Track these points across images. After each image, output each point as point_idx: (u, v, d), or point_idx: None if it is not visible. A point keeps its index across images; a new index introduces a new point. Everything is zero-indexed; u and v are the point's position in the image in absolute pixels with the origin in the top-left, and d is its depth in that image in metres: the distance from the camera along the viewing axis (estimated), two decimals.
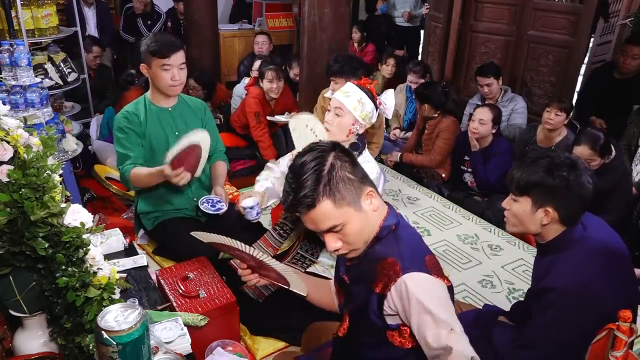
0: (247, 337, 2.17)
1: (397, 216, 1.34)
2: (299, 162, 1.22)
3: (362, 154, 2.19)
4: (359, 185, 1.23)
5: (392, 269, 1.23)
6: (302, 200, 1.19)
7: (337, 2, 3.44)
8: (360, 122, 2.13)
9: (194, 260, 2.19)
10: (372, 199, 1.26)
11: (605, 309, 1.38)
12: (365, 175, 1.27)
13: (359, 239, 1.27)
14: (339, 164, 1.21)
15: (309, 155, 1.22)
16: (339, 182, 1.19)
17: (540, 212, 1.55)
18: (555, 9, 4.22)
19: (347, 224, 1.23)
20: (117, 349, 0.98)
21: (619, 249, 1.58)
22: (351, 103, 2.10)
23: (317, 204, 1.19)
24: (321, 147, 1.24)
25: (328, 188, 1.18)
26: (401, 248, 1.26)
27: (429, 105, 3.75)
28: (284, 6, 6.49)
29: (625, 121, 3.53)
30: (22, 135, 1.25)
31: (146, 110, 2.36)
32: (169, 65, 2.24)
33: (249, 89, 4.01)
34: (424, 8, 5.58)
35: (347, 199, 1.21)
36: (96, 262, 1.22)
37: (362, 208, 1.24)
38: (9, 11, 3.18)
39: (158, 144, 2.36)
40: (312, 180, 1.18)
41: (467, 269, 2.84)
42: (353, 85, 2.17)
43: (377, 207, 1.27)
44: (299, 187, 1.19)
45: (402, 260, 1.23)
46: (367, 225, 1.27)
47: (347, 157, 1.24)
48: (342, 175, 1.20)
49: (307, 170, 1.19)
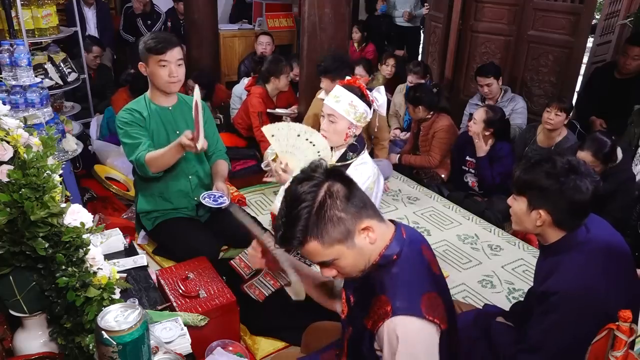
0: (247, 337, 2.17)
1: (402, 242, 1.25)
2: (291, 195, 1.16)
3: (360, 155, 2.19)
4: (352, 222, 1.16)
5: (383, 308, 1.18)
6: (290, 240, 1.16)
7: (337, 2, 3.44)
8: (355, 124, 2.12)
9: (194, 260, 2.19)
10: (368, 233, 1.19)
11: (608, 311, 1.38)
12: (363, 206, 1.19)
13: (354, 270, 1.23)
14: (329, 202, 1.14)
15: (302, 186, 1.15)
16: (327, 223, 1.13)
17: (534, 213, 1.56)
18: (555, 9, 4.22)
19: (339, 260, 1.19)
20: (117, 349, 0.98)
21: (622, 250, 1.58)
22: (343, 108, 2.09)
23: (304, 244, 1.16)
24: (315, 178, 1.16)
25: (315, 229, 1.13)
26: (396, 285, 1.20)
27: (422, 106, 3.76)
28: (284, 6, 6.49)
29: (625, 121, 3.53)
30: (22, 135, 1.25)
31: (148, 109, 2.36)
32: (166, 62, 2.24)
33: (251, 88, 4.01)
34: (424, 8, 5.58)
35: (337, 238, 1.15)
36: (96, 262, 1.22)
37: (356, 244, 1.18)
38: (9, 11, 3.18)
39: (159, 143, 2.35)
40: (299, 220, 1.13)
41: (467, 269, 2.84)
42: (342, 89, 2.15)
43: (374, 239, 1.20)
44: (288, 225, 1.15)
45: (395, 299, 1.17)
46: (361, 257, 1.21)
47: (342, 188, 1.16)
48: (332, 215, 1.13)
49: (296, 207, 1.14)
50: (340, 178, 1.19)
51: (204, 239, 2.38)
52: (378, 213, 1.25)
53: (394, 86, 4.65)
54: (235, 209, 1.68)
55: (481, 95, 4.05)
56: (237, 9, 6.75)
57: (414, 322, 1.15)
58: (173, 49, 2.24)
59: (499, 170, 3.40)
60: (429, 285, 1.23)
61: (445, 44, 4.89)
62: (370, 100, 2.16)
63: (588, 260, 1.52)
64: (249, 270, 2.25)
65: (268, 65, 3.87)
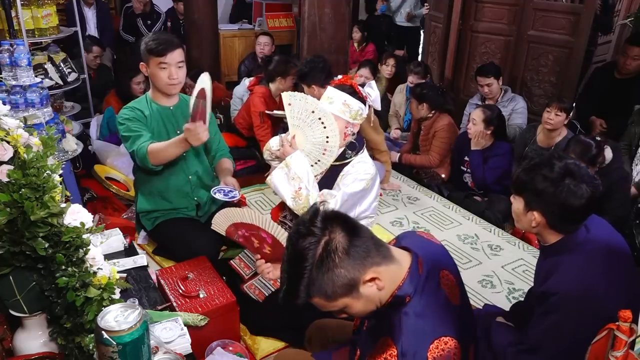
0: (247, 337, 2.17)
1: (416, 281, 1.19)
2: (293, 251, 1.13)
3: (359, 154, 2.19)
4: (355, 274, 1.11)
5: (387, 352, 1.15)
6: (295, 296, 1.13)
7: (337, 2, 3.45)
8: (352, 123, 2.14)
9: (194, 260, 2.19)
10: (375, 282, 1.14)
11: (608, 311, 1.38)
12: (367, 254, 1.13)
13: (365, 312, 1.19)
14: (328, 259, 1.09)
15: (304, 242, 1.11)
16: (328, 282, 1.10)
17: (530, 214, 1.57)
18: (555, 9, 4.21)
19: (347, 309, 1.17)
20: (117, 349, 0.98)
21: (622, 250, 1.58)
22: (337, 108, 2.10)
23: (310, 299, 1.13)
24: (313, 232, 1.11)
25: (317, 286, 1.10)
26: (404, 331, 1.14)
27: (427, 104, 3.75)
28: (284, 6, 6.49)
29: (626, 121, 3.53)
30: (22, 135, 1.25)
31: (149, 108, 2.36)
32: (166, 64, 2.24)
33: (254, 88, 4.01)
34: (424, 8, 5.59)
35: (341, 293, 1.12)
36: (96, 262, 1.22)
37: (362, 294, 1.13)
38: (9, 11, 3.18)
39: (159, 138, 2.33)
40: (302, 279, 1.10)
41: (467, 269, 2.84)
42: (334, 89, 2.16)
43: (382, 286, 1.15)
44: (291, 282, 1.13)
45: (400, 346, 1.13)
46: (371, 303, 1.17)
47: (342, 239, 1.11)
48: (331, 272, 1.09)
49: (298, 264, 1.11)
50: (342, 224, 1.13)
51: (203, 239, 2.38)
52: (387, 255, 1.17)
53: (394, 86, 4.65)
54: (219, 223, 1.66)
55: (481, 95, 4.05)
56: (237, 9, 6.75)
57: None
58: (174, 51, 2.24)
59: (492, 166, 3.39)
60: (443, 327, 1.17)
61: (445, 44, 4.89)
62: (363, 96, 2.16)
63: (587, 260, 1.52)
64: (249, 270, 2.25)
65: (276, 65, 3.85)
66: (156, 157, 2.21)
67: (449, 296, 1.24)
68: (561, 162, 1.54)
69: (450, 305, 1.23)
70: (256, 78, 4.17)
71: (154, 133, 2.34)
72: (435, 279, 1.22)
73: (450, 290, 1.25)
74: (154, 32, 5.67)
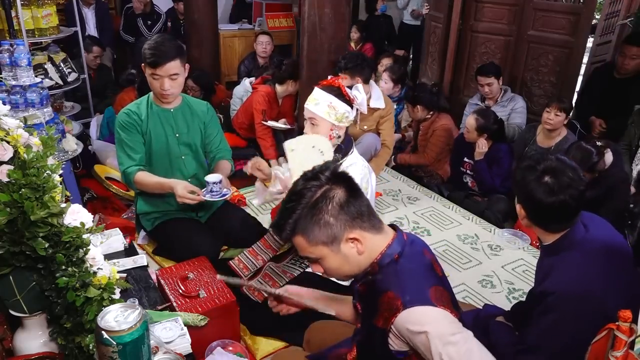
0: (247, 337, 2.17)
1: (403, 243, 1.26)
2: (295, 189, 1.22)
3: (348, 156, 2.18)
4: (340, 229, 1.19)
5: (392, 304, 1.19)
6: (282, 229, 1.22)
7: (337, 2, 3.44)
8: (337, 125, 2.12)
9: (194, 260, 2.19)
10: (356, 244, 1.21)
11: (607, 311, 1.38)
12: (358, 216, 1.21)
13: (338, 274, 1.27)
14: (322, 205, 1.18)
15: (306, 184, 1.21)
16: (315, 224, 1.18)
17: (518, 207, 1.64)
18: (555, 9, 4.22)
19: (324, 261, 1.23)
20: (117, 349, 0.98)
21: (621, 249, 1.58)
22: (322, 110, 2.10)
23: (293, 237, 1.21)
24: (319, 179, 1.21)
25: (304, 226, 1.18)
26: (402, 280, 1.21)
27: (421, 106, 3.76)
28: (284, 6, 6.49)
29: (625, 121, 3.52)
30: (22, 135, 1.25)
31: (148, 110, 2.35)
32: (158, 75, 2.21)
33: (258, 86, 4.01)
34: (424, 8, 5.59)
35: (322, 240, 1.19)
36: (96, 262, 1.22)
37: (341, 250, 1.21)
38: (9, 11, 3.18)
39: (157, 145, 2.35)
40: (293, 214, 1.19)
41: (467, 269, 2.84)
42: (320, 91, 2.15)
43: (362, 251, 1.22)
44: (283, 215, 1.21)
45: (403, 293, 1.18)
46: (347, 263, 1.24)
47: (342, 194, 1.19)
48: (321, 217, 1.18)
49: (294, 201, 1.20)
50: (346, 184, 1.22)
51: (204, 239, 2.38)
52: (376, 225, 1.25)
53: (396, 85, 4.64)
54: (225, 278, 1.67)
55: (481, 95, 4.05)
56: (237, 9, 6.75)
57: (429, 310, 1.16)
58: (167, 63, 2.18)
59: (497, 172, 3.41)
60: (435, 280, 1.24)
61: (445, 44, 4.89)
62: (350, 99, 2.15)
63: (585, 260, 1.52)
64: (248, 271, 2.25)
65: (291, 69, 3.86)
66: (141, 187, 2.32)
67: (433, 263, 1.31)
68: (547, 160, 1.57)
69: (435, 270, 1.29)
70: (261, 78, 4.17)
71: (151, 135, 2.34)
72: (418, 248, 1.30)
73: (432, 260, 1.32)
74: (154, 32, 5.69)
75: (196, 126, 2.44)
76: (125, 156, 2.31)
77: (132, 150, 2.30)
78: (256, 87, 4.07)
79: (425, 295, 1.18)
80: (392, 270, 1.23)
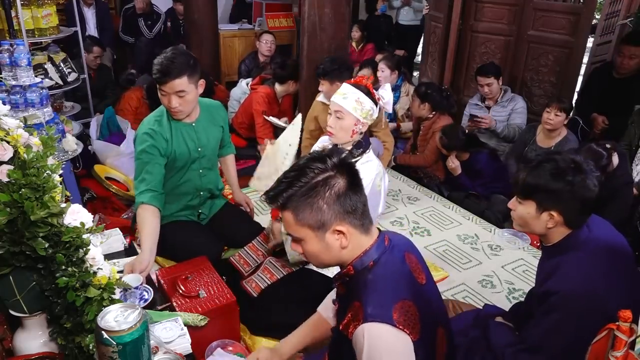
0: (247, 337, 2.17)
1: (382, 250, 1.26)
2: (301, 164, 1.22)
3: (366, 153, 2.20)
4: (330, 218, 1.18)
5: (356, 314, 1.19)
6: (275, 198, 1.22)
7: (337, 2, 3.44)
8: (362, 121, 2.14)
9: (194, 260, 2.18)
10: (341, 237, 1.21)
11: (610, 311, 1.38)
12: (352, 211, 1.20)
13: (315, 259, 1.27)
14: (320, 189, 1.17)
15: (314, 163, 1.21)
16: (307, 206, 1.18)
17: (545, 215, 1.55)
18: (555, 9, 4.22)
19: (305, 243, 1.23)
20: (117, 349, 0.98)
21: (623, 250, 1.58)
22: (350, 104, 2.11)
23: (283, 210, 1.22)
24: (327, 162, 1.20)
25: (295, 204, 1.19)
26: (369, 291, 1.19)
27: (429, 104, 3.76)
28: (284, 6, 6.49)
29: (625, 120, 3.53)
30: (22, 135, 1.25)
31: (171, 129, 2.27)
32: (164, 92, 2.15)
33: (257, 87, 4.01)
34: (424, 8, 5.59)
35: (309, 223, 1.19)
36: (96, 262, 1.22)
37: (325, 239, 1.21)
38: (9, 11, 3.18)
39: (180, 160, 2.31)
40: (290, 188, 1.19)
41: (467, 269, 2.84)
42: (349, 86, 2.17)
43: (345, 245, 1.22)
44: (280, 186, 1.21)
45: (366, 306, 1.17)
46: (327, 253, 1.23)
47: (342, 185, 1.19)
48: (315, 201, 1.17)
49: (295, 176, 1.20)
50: (349, 175, 1.21)
51: (205, 241, 2.37)
52: (366, 225, 1.25)
53: None
54: None
55: (481, 95, 4.05)
56: (237, 9, 6.75)
57: (383, 329, 1.15)
58: (173, 80, 2.10)
59: (480, 182, 3.50)
60: (406, 293, 1.21)
61: (445, 44, 4.89)
62: (376, 98, 2.18)
63: (589, 260, 1.52)
64: (249, 267, 2.26)
65: (292, 69, 3.86)
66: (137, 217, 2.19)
67: (414, 273, 1.28)
68: (567, 159, 1.54)
69: (415, 280, 1.27)
70: (259, 77, 4.17)
71: (175, 152, 2.27)
72: (399, 255, 1.29)
73: (414, 268, 1.30)
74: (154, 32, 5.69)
75: (217, 133, 2.42)
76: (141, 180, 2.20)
77: (150, 175, 2.20)
78: (255, 87, 4.06)
79: (388, 312, 1.15)
80: (363, 279, 1.22)
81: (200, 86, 2.23)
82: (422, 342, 1.19)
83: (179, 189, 2.37)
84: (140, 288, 1.84)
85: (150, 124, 2.24)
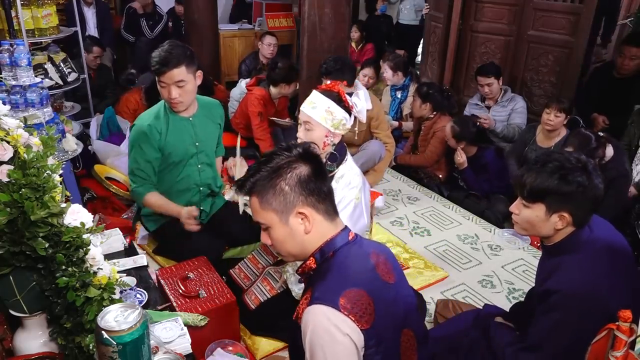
0: (247, 337, 2.17)
1: (344, 242, 1.26)
2: (268, 153, 1.27)
3: (343, 164, 2.07)
4: (292, 201, 1.21)
5: (307, 300, 1.21)
6: (242, 185, 1.26)
7: (337, 2, 3.44)
8: (333, 132, 2.00)
9: (194, 260, 2.19)
10: (305, 221, 1.22)
11: (610, 310, 1.38)
12: (315, 196, 1.22)
13: (282, 249, 1.28)
14: (283, 172, 1.21)
15: (280, 151, 1.25)
16: (269, 189, 1.21)
17: (555, 217, 1.53)
18: (555, 9, 4.21)
19: (271, 229, 1.25)
20: (117, 349, 0.98)
21: (623, 250, 1.58)
22: (319, 114, 1.96)
23: (250, 195, 1.25)
24: (290, 151, 1.25)
25: (260, 187, 1.22)
26: (324, 279, 1.20)
27: (430, 105, 3.76)
28: (284, 6, 6.49)
29: (625, 120, 3.53)
30: (22, 135, 1.25)
31: (168, 122, 2.29)
32: (164, 83, 2.17)
33: (253, 88, 4.01)
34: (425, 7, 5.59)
35: (273, 207, 1.22)
36: (96, 262, 1.22)
37: (289, 223, 1.23)
38: (9, 11, 3.17)
39: (176, 154, 2.32)
40: (257, 174, 1.23)
41: (467, 269, 2.84)
42: (319, 94, 2.02)
43: (309, 230, 1.23)
44: (248, 174, 1.25)
45: (317, 290, 1.18)
46: (291, 239, 1.25)
47: (305, 171, 1.22)
48: (277, 183, 1.20)
49: (262, 163, 1.24)
50: (315, 165, 1.24)
51: (206, 240, 2.38)
52: (331, 213, 1.27)
53: None
54: None
55: (481, 95, 4.05)
56: (237, 9, 6.75)
57: (327, 311, 1.14)
58: (171, 70, 2.13)
59: (484, 177, 3.48)
60: (361, 283, 1.19)
61: (445, 44, 4.89)
62: (349, 106, 2.04)
63: (590, 259, 1.52)
64: (248, 280, 2.25)
65: (282, 72, 3.83)
66: (149, 206, 2.31)
67: (378, 270, 1.27)
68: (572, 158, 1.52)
69: (378, 276, 1.26)
70: (255, 78, 4.17)
71: (171, 147, 2.29)
72: (365, 250, 1.29)
73: (380, 266, 1.28)
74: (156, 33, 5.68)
75: (214, 130, 2.43)
76: (138, 171, 2.25)
77: (146, 167, 2.26)
78: (250, 88, 4.06)
79: (335, 298, 1.14)
80: (321, 269, 1.25)
81: (198, 77, 2.26)
82: (375, 332, 1.17)
83: (178, 185, 2.37)
84: (135, 291, 1.84)
85: (147, 120, 2.29)
